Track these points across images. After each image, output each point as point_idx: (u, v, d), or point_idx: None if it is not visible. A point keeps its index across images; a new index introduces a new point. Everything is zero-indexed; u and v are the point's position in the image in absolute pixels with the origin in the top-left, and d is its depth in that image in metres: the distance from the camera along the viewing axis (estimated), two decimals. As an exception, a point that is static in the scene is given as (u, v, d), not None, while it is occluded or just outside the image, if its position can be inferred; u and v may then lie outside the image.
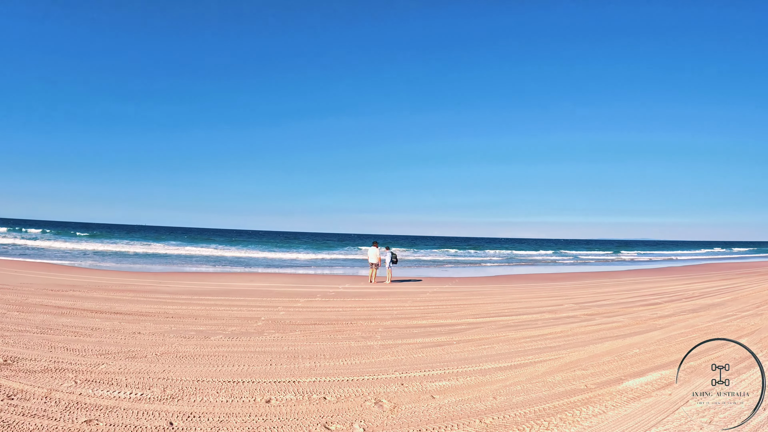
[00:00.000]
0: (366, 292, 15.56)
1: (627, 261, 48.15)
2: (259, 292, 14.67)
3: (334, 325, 9.29)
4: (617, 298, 15.53)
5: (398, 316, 10.70)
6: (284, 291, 15.03)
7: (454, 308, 12.20)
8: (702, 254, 66.05)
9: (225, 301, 12.40)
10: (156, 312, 10.72)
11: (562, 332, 9.28)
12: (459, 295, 15.32)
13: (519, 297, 15.15)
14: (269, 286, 16.28)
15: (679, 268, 35.29)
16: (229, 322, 9.52)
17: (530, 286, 19.06)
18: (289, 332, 8.52)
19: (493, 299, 14.37)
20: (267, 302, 12.42)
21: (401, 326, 9.41)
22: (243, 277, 19.55)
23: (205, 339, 7.98)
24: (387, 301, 13.16)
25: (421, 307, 12.17)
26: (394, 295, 14.86)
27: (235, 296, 13.56)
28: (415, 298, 14.02)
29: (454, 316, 10.93)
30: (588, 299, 15.00)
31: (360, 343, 7.66)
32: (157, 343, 7.74)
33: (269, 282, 17.77)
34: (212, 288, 15.51)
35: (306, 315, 10.53)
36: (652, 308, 13.34)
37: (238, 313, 10.62)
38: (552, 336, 8.86)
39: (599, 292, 16.97)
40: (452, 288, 17.52)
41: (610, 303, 14.24)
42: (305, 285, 17.06)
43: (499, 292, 16.39)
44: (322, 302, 12.67)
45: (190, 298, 13.09)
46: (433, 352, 7.22)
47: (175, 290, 14.73)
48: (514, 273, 28.58)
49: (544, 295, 16.01)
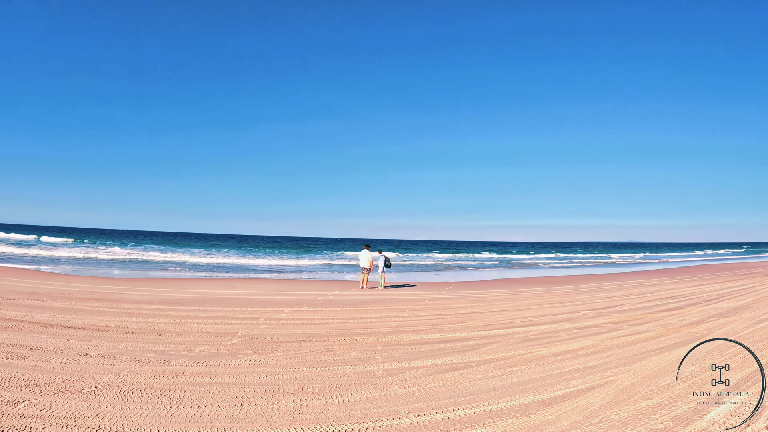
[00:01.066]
0: (358, 299, 14.04)
1: (620, 263, 47.36)
2: (239, 300, 13.06)
3: (323, 343, 7.75)
4: (632, 302, 14.25)
5: (398, 329, 9.21)
6: (267, 299, 13.42)
7: (460, 318, 10.75)
8: (692, 256, 65.81)
9: (198, 312, 10.78)
10: (114, 326, 9.11)
11: (595, 346, 7.88)
12: (461, 302, 13.88)
13: (527, 303, 13.77)
14: (251, 294, 14.65)
15: (677, 270, 34.43)
16: (198, 340, 7.94)
17: (534, 291, 17.72)
18: (270, 353, 6.96)
19: (499, 306, 12.95)
20: (246, 313, 10.83)
21: (404, 342, 7.92)
22: (223, 284, 17.87)
23: (164, 364, 6.40)
24: (383, 310, 11.65)
25: (422, 318, 10.69)
26: (389, 302, 13.36)
27: (212, 306, 11.94)
28: (413, 306, 12.54)
29: (462, 328, 9.47)
30: (602, 305, 13.69)
31: (357, 368, 6.15)
32: (103, 369, 6.15)
33: (251, 289, 16.13)
34: (187, 296, 13.84)
35: (291, 329, 8.97)
36: (676, 314, 12.07)
37: (211, 328, 9.03)
38: (585, 352, 7.45)
39: (610, 297, 15.69)
40: (451, 294, 16.08)
41: (627, 308, 12.96)
42: (290, 292, 15.47)
43: (504, 298, 15.00)
44: (310, 312, 11.12)
45: (159, 308, 11.44)
46: (451, 379, 5.74)
47: (145, 299, 13.05)
48: (510, 277, 27.29)
49: (553, 300, 14.66)
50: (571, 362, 6.74)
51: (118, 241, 61.52)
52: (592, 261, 50.42)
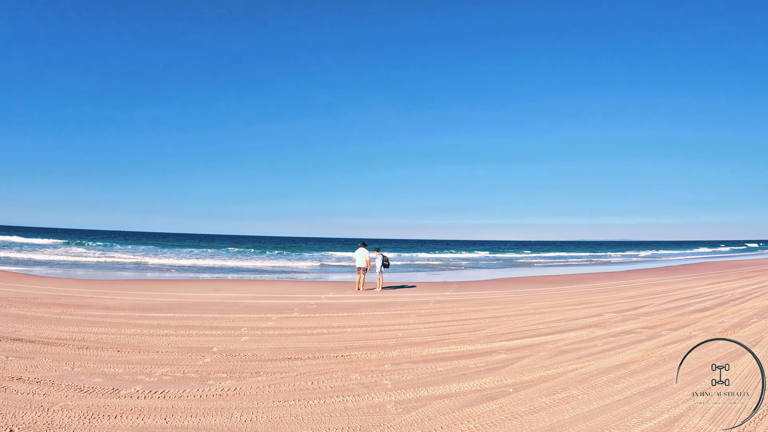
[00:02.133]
0: (355, 302, 12.60)
1: (622, 261, 46.46)
2: (222, 305, 11.56)
3: (317, 361, 6.31)
4: (655, 303, 13.01)
5: (406, 340, 7.79)
6: (253, 304, 11.94)
7: (474, 324, 9.37)
8: (690, 254, 65.28)
9: (172, 321, 9.30)
10: (69, 338, 7.68)
11: (644, 359, 6.55)
12: (469, 304, 12.51)
13: (542, 306, 12.44)
14: (236, 298, 13.16)
15: (680, 268, 33.47)
16: (163, 358, 6.46)
17: (543, 291, 16.42)
18: (249, 377, 5.51)
19: (513, 309, 11.60)
20: (228, 321, 9.35)
21: (416, 358, 6.51)
22: (207, 286, 16.32)
23: (112, 394, 4.94)
24: (384, 316, 10.24)
25: (431, 325, 9.29)
26: (390, 306, 11.94)
27: (189, 312, 10.45)
28: (417, 311, 11.14)
29: (480, 337, 8.09)
30: (624, 306, 12.42)
31: (362, 400, 4.72)
32: (30, 402, 4.73)
33: (238, 291, 14.63)
34: (165, 300, 12.32)
35: (278, 342, 7.52)
36: (710, 315, 10.84)
37: (183, 341, 7.56)
38: (637, 367, 6.10)
39: (628, 297, 14.43)
40: (456, 295, 14.71)
41: (653, 310, 11.70)
42: (280, 295, 13.99)
43: (514, 300, 13.66)
44: (301, 320, 9.66)
45: (128, 315, 9.95)
46: (489, 415, 4.34)
47: (116, 304, 11.54)
48: (512, 276, 26.01)
49: (568, 302, 13.36)
50: (630, 382, 5.38)
51: (103, 241, 59.39)
52: (588, 259, 49.49)
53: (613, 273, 27.86)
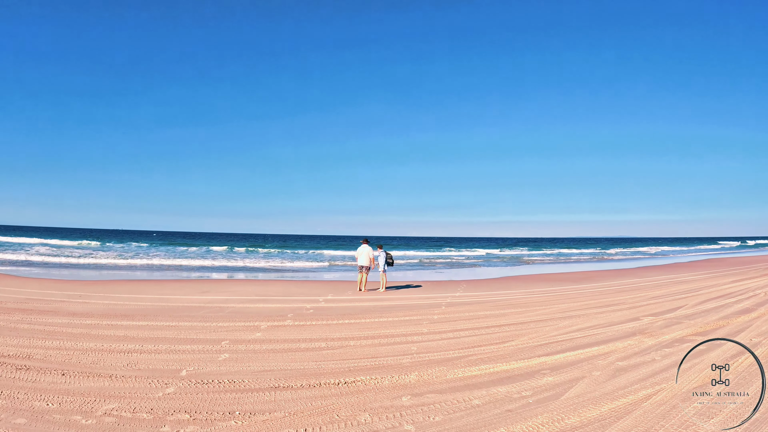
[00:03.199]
0: (358, 306, 11.17)
1: (627, 258, 45.26)
2: (206, 310, 10.13)
3: (312, 390, 4.87)
4: (689, 303, 11.66)
5: (424, 356, 6.37)
6: (242, 308, 10.50)
7: (499, 333, 7.96)
8: (694, 250, 64.12)
9: (142, 331, 7.86)
10: (12, 355, 6.48)
11: (725, 377, 5.13)
12: (485, 307, 11.10)
13: (567, 308, 11.04)
14: (224, 301, 11.71)
15: (692, 264, 32.23)
16: (116, 386, 5.03)
17: (561, 291, 15.04)
18: (219, 420, 4.06)
19: (537, 313, 10.20)
20: (208, 331, 7.91)
21: (441, 386, 5.08)
22: (195, 287, 14.84)
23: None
24: (393, 324, 8.80)
25: (449, 335, 7.87)
26: (397, 310, 10.51)
27: (167, 319, 9.03)
28: (429, 316, 9.72)
29: (512, 351, 6.67)
30: (658, 308, 11.07)
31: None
32: None
33: (227, 293, 13.17)
34: (143, 305, 10.90)
35: (264, 361, 6.08)
36: (758, 318, 9.49)
37: (147, 360, 6.13)
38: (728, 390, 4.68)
39: (656, 297, 13.05)
40: (468, 296, 13.29)
41: (692, 312, 10.38)
42: (273, 297, 12.54)
43: (534, 301, 12.26)
44: (295, 329, 8.22)
45: (95, 324, 8.55)
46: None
47: (87, 310, 10.16)
48: (522, 274, 24.64)
49: (595, 304, 11.97)
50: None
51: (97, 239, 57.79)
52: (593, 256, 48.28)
53: (627, 270, 26.53)
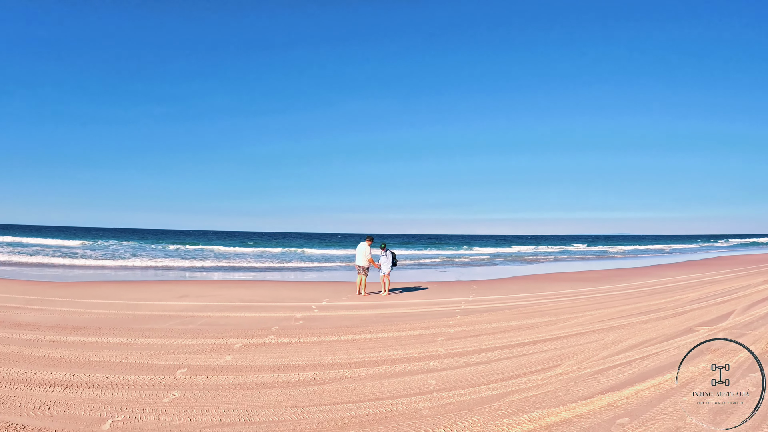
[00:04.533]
0: (356, 315, 9.47)
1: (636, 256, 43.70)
2: (175, 321, 8.43)
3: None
4: (738, 308, 10.06)
5: (447, 398, 4.66)
6: (218, 319, 8.79)
7: (537, 354, 6.27)
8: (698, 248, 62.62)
9: (87, 351, 6.20)
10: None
11: None
12: (507, 315, 9.41)
13: (602, 316, 9.37)
14: (200, 308, 10.01)
15: (706, 262, 30.69)
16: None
17: (584, 293, 13.37)
18: None
19: (572, 323, 8.51)
20: (166, 353, 6.21)
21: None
22: (174, 289, 13.09)
23: None
24: (400, 341, 7.10)
25: (474, 357, 6.16)
26: (404, 320, 8.81)
27: (122, 334, 7.35)
28: (444, 328, 8.02)
29: (564, 385, 4.98)
30: (705, 315, 9.49)
31: None
32: None
33: (208, 297, 11.45)
34: (105, 313, 9.29)
35: (223, 406, 4.36)
36: None
37: (70, 398, 4.44)
38: None
39: (695, 301, 11.38)
40: (483, 301, 11.60)
41: (749, 320, 8.88)
42: (259, 303, 10.83)
43: (561, 307, 10.58)
44: (276, 349, 6.51)
45: (35, 339, 7.00)
46: None
47: (37, 319, 8.74)
48: (533, 273, 22.95)
49: (631, 310, 10.32)
50: None
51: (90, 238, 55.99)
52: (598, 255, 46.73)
53: (641, 269, 24.89)
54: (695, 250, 51.96)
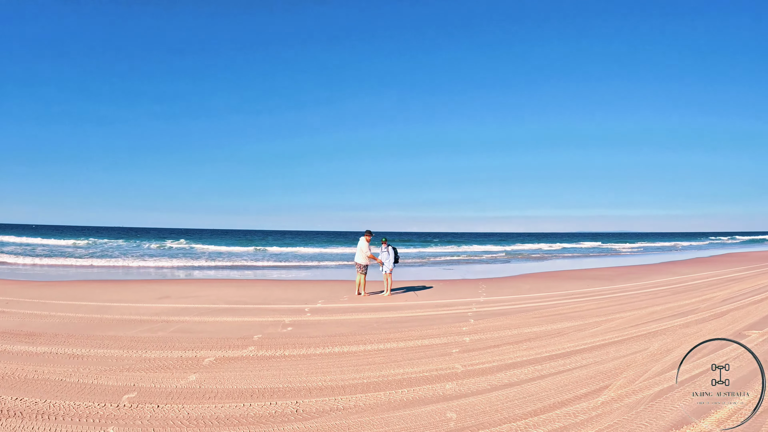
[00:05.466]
0: (354, 320, 8.29)
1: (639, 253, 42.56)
2: (146, 326, 7.25)
3: None
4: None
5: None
6: (195, 324, 7.61)
7: (577, 370, 5.09)
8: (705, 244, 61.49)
9: (28, 366, 5.04)
10: None
11: None
12: (527, 319, 8.23)
13: (636, 319, 8.20)
14: (179, 311, 8.84)
15: (716, 259, 29.60)
16: None
17: (604, 292, 12.21)
18: None
19: (604, 328, 7.33)
20: (120, 368, 5.03)
21: None
22: (157, 289, 11.88)
23: None
24: (405, 353, 5.91)
25: (499, 376, 4.98)
26: (409, 326, 7.63)
27: (79, 344, 6.21)
28: (457, 336, 6.83)
29: (624, 416, 3.79)
30: (749, 317, 8.35)
31: None
32: None
33: (190, 298, 10.26)
34: (70, 316, 8.12)
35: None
36: None
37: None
38: None
39: (728, 300, 10.23)
40: (496, 302, 10.42)
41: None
42: (247, 306, 9.65)
43: (586, 309, 9.41)
44: (254, 365, 5.32)
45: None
46: None
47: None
48: (542, 270, 21.72)
49: (664, 311, 9.17)
50: None
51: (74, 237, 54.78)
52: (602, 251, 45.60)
53: (654, 266, 23.73)
54: (702, 247, 50.81)
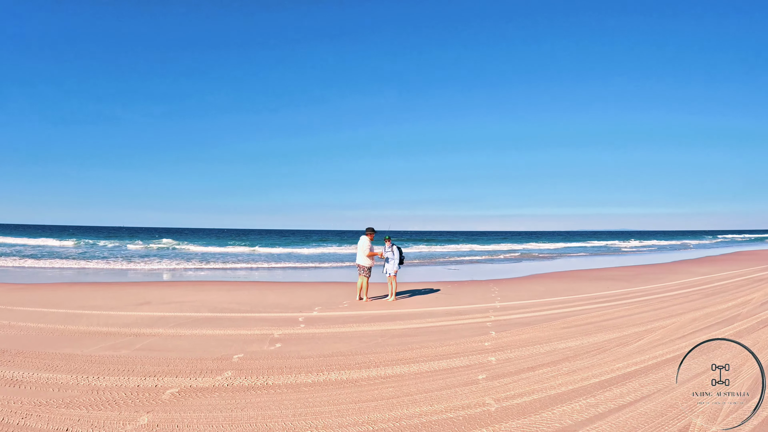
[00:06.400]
0: (356, 331, 7.13)
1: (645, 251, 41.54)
2: (109, 342, 6.10)
3: None
4: None
5: None
6: (166, 340, 6.46)
7: (637, 392, 3.95)
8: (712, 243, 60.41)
9: None
10: None
11: None
12: (558, 330, 7.08)
13: (681, 328, 7.07)
14: (154, 321, 7.69)
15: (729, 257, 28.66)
16: None
17: (629, 295, 11.08)
18: None
19: (650, 342, 6.20)
20: (61, 399, 3.87)
21: None
22: (138, 294, 10.71)
23: None
24: (416, 382, 4.75)
25: (544, 416, 3.82)
26: (420, 338, 6.47)
27: (22, 364, 5.14)
28: (479, 355, 5.68)
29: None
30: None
31: None
32: None
33: (171, 305, 9.10)
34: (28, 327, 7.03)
35: None
36: None
37: None
38: None
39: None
40: (514, 308, 9.27)
41: None
42: (233, 315, 8.49)
43: (619, 316, 8.27)
44: (230, 398, 4.16)
45: None
46: None
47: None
48: (552, 270, 20.55)
49: (710, 316, 8.03)
50: None
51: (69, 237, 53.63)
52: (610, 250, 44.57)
53: (669, 265, 22.61)
54: (709, 246, 49.71)
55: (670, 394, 4.28)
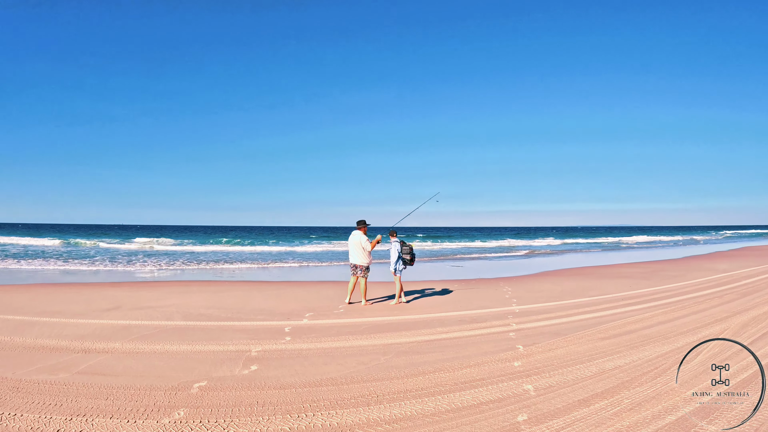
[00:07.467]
0: (353, 347, 5.93)
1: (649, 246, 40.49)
2: (53, 359, 4.87)
3: None
4: None
5: None
6: (123, 357, 5.25)
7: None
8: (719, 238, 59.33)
9: None
10: None
11: None
12: (596, 341, 5.90)
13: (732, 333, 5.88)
14: (119, 329, 6.50)
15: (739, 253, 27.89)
16: None
17: (656, 295, 9.96)
18: None
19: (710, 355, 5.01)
20: None
21: None
22: (113, 297, 9.48)
23: None
24: (445, 424, 3.55)
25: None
26: (434, 358, 5.29)
27: None
28: (514, 381, 4.49)
29: None
30: None
31: None
32: None
33: (144, 309, 7.89)
34: None
35: None
36: None
37: None
38: None
39: None
40: (536, 310, 8.09)
41: None
42: (210, 321, 7.29)
43: (659, 322, 7.10)
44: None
45: None
46: None
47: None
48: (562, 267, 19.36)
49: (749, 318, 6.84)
50: None
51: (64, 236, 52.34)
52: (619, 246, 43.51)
53: (683, 261, 21.52)
54: (717, 241, 48.59)
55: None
